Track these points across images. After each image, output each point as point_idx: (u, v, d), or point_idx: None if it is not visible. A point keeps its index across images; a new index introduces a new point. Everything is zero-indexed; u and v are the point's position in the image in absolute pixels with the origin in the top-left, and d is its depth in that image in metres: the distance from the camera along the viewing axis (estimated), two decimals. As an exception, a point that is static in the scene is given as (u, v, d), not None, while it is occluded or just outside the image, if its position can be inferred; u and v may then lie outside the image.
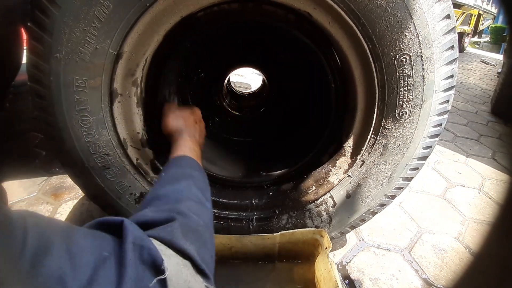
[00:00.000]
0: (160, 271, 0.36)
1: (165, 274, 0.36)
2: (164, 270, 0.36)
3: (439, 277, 1.12)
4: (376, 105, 0.83)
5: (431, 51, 0.74)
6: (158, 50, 0.86)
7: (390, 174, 0.91)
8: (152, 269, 0.36)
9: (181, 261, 0.41)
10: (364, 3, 0.71)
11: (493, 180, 1.85)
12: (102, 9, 0.69)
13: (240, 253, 1.00)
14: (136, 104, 0.87)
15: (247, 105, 1.40)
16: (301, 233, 0.98)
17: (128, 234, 0.37)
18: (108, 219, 0.40)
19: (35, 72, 0.74)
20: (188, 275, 0.40)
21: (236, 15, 0.88)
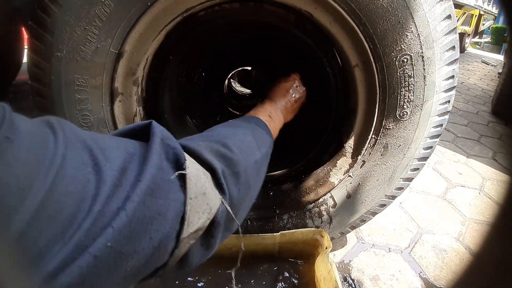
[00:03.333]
0: (181, 169, 0.37)
1: (186, 171, 0.37)
2: (185, 168, 0.37)
3: (439, 277, 1.12)
4: (377, 105, 0.83)
5: (432, 52, 0.74)
6: (159, 50, 0.86)
7: (391, 175, 0.91)
8: (174, 166, 0.37)
9: (201, 169, 0.41)
10: (365, 3, 0.71)
11: (493, 180, 1.85)
12: (103, 8, 0.69)
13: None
14: (137, 103, 0.87)
15: (248, 105, 1.40)
16: (301, 233, 0.98)
17: (156, 132, 0.38)
18: (136, 124, 0.41)
19: (36, 71, 0.74)
20: (206, 182, 0.40)
21: (237, 14, 0.88)
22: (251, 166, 0.52)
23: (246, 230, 1.01)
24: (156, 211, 0.33)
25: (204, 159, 0.42)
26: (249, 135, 0.59)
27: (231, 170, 0.46)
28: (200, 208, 0.39)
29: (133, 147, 0.36)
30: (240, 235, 0.96)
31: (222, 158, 0.46)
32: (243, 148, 0.52)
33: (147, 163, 0.33)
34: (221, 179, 0.43)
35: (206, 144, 0.45)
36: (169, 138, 0.38)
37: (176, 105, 1.12)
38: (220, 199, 0.42)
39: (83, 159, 0.30)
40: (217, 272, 0.99)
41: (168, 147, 0.37)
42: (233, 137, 0.52)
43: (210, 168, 0.42)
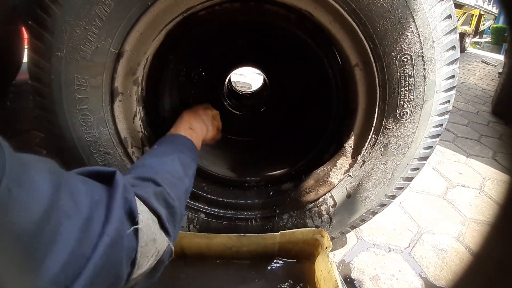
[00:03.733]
0: (135, 222, 0.42)
1: (139, 225, 0.42)
2: (138, 222, 0.42)
3: (439, 277, 1.12)
4: (377, 105, 0.83)
5: (432, 51, 0.74)
6: (159, 49, 0.86)
7: (391, 174, 0.90)
8: (129, 219, 0.42)
9: (150, 217, 0.47)
10: (365, 3, 0.71)
11: (493, 180, 1.85)
12: (103, 8, 0.69)
13: (240, 252, 1.00)
14: (137, 103, 0.87)
15: (248, 105, 1.40)
16: (301, 232, 0.98)
17: (119, 184, 0.42)
18: (100, 169, 0.46)
19: (36, 71, 0.74)
20: (155, 229, 0.47)
21: (237, 14, 0.88)
22: (183, 199, 0.61)
23: (246, 230, 1.01)
24: (115, 259, 0.38)
25: (152, 207, 0.48)
26: (176, 162, 0.65)
27: (170, 211, 0.53)
28: (149, 252, 0.45)
29: (98, 193, 0.40)
30: (240, 235, 0.96)
31: (164, 202, 0.53)
32: (174, 182, 0.59)
33: (111, 217, 0.38)
34: (165, 224, 0.49)
35: (150, 190, 0.51)
36: (128, 191, 0.43)
37: (176, 104, 1.12)
38: (167, 241, 0.49)
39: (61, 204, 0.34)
40: (217, 271, 0.99)
41: (126, 200, 0.42)
42: (162, 172, 0.59)
43: (157, 215, 0.49)
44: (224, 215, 1.02)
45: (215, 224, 1.01)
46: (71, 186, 0.37)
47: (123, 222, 0.40)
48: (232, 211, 1.02)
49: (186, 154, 0.71)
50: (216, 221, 1.01)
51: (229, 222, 1.02)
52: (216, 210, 1.02)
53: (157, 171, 0.59)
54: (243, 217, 1.02)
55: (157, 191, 0.52)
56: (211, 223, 1.01)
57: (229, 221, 1.02)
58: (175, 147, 0.71)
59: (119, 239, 0.39)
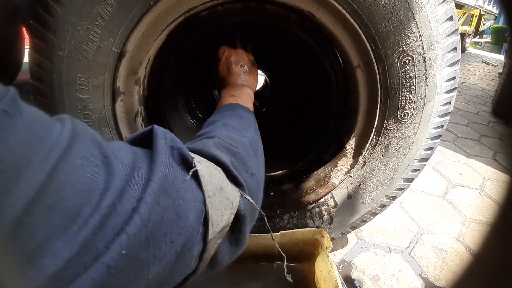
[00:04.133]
0: (191, 167, 0.35)
1: (197, 167, 0.35)
2: (195, 166, 0.35)
3: (440, 277, 1.12)
4: (378, 106, 0.83)
5: (434, 53, 0.74)
6: (161, 49, 0.86)
7: (391, 175, 0.91)
8: (183, 165, 0.35)
9: (211, 165, 0.39)
10: (367, 4, 0.71)
11: (493, 180, 1.86)
12: (105, 8, 0.69)
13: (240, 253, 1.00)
14: (138, 102, 0.87)
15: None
16: (301, 233, 0.98)
17: (159, 133, 0.36)
18: (138, 132, 0.39)
19: (37, 70, 0.74)
20: (220, 177, 0.39)
21: (239, 14, 0.88)
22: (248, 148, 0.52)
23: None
24: (175, 213, 0.31)
25: (211, 155, 0.41)
26: (229, 123, 0.59)
27: (237, 158, 0.45)
28: (221, 204, 0.37)
29: (140, 150, 0.35)
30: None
31: (226, 150, 0.45)
32: (232, 136, 0.52)
33: (155, 162, 0.32)
34: (233, 172, 0.41)
35: (206, 141, 0.44)
36: (173, 139, 0.37)
37: (177, 104, 1.13)
38: (238, 191, 0.41)
39: (91, 151, 0.28)
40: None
41: (172, 148, 0.35)
42: (217, 130, 0.52)
43: (220, 163, 0.41)
44: (225, 215, 1.02)
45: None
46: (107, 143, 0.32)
47: (173, 166, 0.33)
48: (233, 211, 1.02)
49: (239, 114, 0.66)
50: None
51: (229, 222, 1.02)
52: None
53: (210, 131, 0.52)
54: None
55: (215, 140, 0.45)
56: (211, 223, 1.01)
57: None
58: (227, 112, 0.66)
59: (174, 184, 0.32)
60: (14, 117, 0.24)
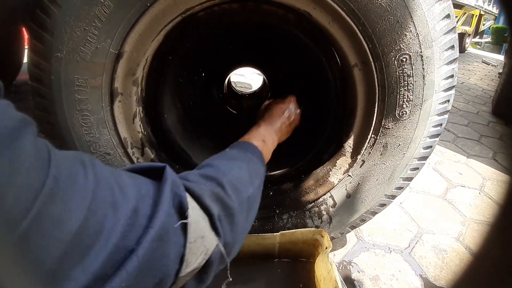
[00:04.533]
0: (183, 216, 0.41)
1: (188, 219, 0.41)
2: (187, 216, 0.41)
3: (439, 277, 1.12)
4: (376, 104, 0.83)
5: (431, 51, 0.74)
6: (158, 50, 0.86)
7: (390, 174, 0.91)
8: (178, 213, 0.41)
9: (201, 214, 0.45)
10: (364, 3, 0.71)
11: (493, 180, 1.85)
12: (103, 9, 0.69)
13: (240, 252, 0.99)
14: (136, 103, 0.87)
15: (248, 105, 1.40)
16: (301, 233, 0.98)
17: (168, 178, 0.42)
18: (150, 164, 0.46)
19: (36, 71, 0.75)
20: (204, 226, 0.45)
21: (236, 15, 0.88)
22: (244, 203, 0.57)
23: (246, 230, 1.01)
24: (162, 254, 0.37)
25: (204, 204, 0.46)
26: (244, 169, 0.63)
27: (227, 213, 0.51)
28: (198, 250, 0.44)
29: (145, 187, 0.40)
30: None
31: (220, 203, 0.50)
32: (238, 187, 0.57)
33: (158, 210, 0.38)
34: (216, 224, 0.47)
35: (207, 187, 0.49)
36: (178, 185, 0.43)
37: (175, 105, 1.13)
38: (216, 241, 0.47)
39: (106, 198, 0.34)
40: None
41: (175, 195, 0.41)
42: (228, 174, 0.57)
43: (209, 213, 0.46)
44: (224, 216, 1.02)
45: (215, 224, 1.01)
46: (118, 180, 0.37)
47: (170, 216, 0.39)
48: (232, 212, 1.02)
49: (255, 164, 0.69)
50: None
51: (229, 223, 1.02)
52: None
53: (223, 172, 0.57)
54: (243, 217, 1.02)
55: (215, 190, 0.50)
56: (211, 224, 1.01)
57: (229, 221, 1.02)
58: (245, 155, 0.69)
59: (166, 233, 0.38)
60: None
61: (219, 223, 0.48)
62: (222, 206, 0.50)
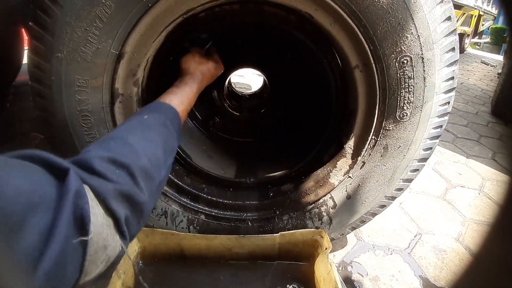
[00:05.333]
0: (84, 231, 0.37)
1: (89, 236, 0.37)
2: (88, 231, 0.37)
3: (439, 277, 1.12)
4: (377, 106, 0.83)
5: (432, 53, 0.74)
6: (159, 51, 0.86)
7: (391, 176, 0.91)
8: (78, 226, 0.36)
9: (105, 221, 0.41)
10: (365, 5, 0.71)
11: (493, 181, 1.85)
12: (104, 9, 0.69)
13: (240, 253, 1.00)
14: (137, 104, 0.87)
15: (248, 106, 1.40)
16: (301, 233, 0.98)
17: (71, 188, 0.36)
18: (54, 160, 0.38)
19: (36, 72, 0.74)
20: (108, 235, 0.41)
21: (237, 16, 0.88)
22: (154, 192, 0.53)
23: (246, 230, 1.01)
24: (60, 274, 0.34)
25: (110, 208, 0.42)
26: (160, 147, 0.57)
27: (136, 210, 0.47)
28: (98, 260, 0.41)
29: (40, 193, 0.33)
30: (240, 236, 0.96)
31: (128, 202, 0.46)
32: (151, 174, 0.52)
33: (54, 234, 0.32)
34: (122, 227, 0.44)
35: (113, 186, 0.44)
36: (82, 196, 0.37)
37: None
38: (120, 245, 0.44)
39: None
40: (217, 272, 0.99)
41: (77, 208, 0.36)
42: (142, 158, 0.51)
43: (114, 218, 0.43)
44: (224, 216, 1.02)
45: (215, 225, 1.01)
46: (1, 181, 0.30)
47: (70, 235, 0.34)
48: (232, 212, 1.02)
49: (171, 139, 0.62)
50: (216, 222, 1.01)
51: (229, 223, 1.02)
52: (216, 211, 1.02)
53: (136, 156, 0.50)
54: (243, 218, 1.02)
55: (124, 189, 0.45)
56: (211, 224, 1.01)
57: (229, 222, 1.02)
58: (163, 126, 0.62)
59: (64, 254, 0.33)
60: None
61: (125, 226, 0.44)
62: (131, 206, 0.46)
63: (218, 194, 1.05)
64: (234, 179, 1.11)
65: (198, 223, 1.01)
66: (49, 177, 0.36)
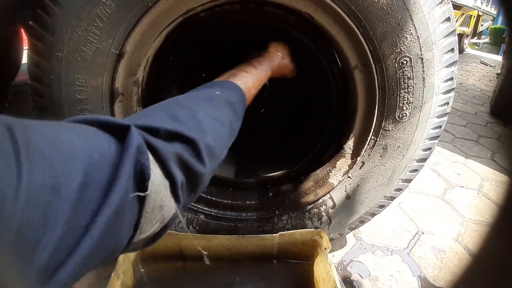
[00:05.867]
0: (144, 187, 0.37)
1: (147, 192, 0.37)
2: (147, 187, 0.37)
3: (438, 277, 1.13)
4: (376, 106, 0.83)
5: (431, 54, 0.74)
6: (159, 50, 0.86)
7: (390, 176, 0.91)
8: (138, 184, 0.37)
9: (163, 182, 0.41)
10: (365, 5, 0.71)
11: (492, 181, 1.86)
12: (104, 9, 0.69)
13: (239, 253, 1.00)
14: (137, 103, 0.87)
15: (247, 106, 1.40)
16: (300, 233, 0.98)
17: (133, 143, 0.36)
18: (113, 120, 0.38)
19: (36, 71, 0.74)
20: (164, 195, 0.41)
21: (237, 16, 0.88)
22: (214, 169, 0.53)
23: (245, 230, 1.01)
24: (117, 227, 0.34)
25: (168, 170, 0.42)
26: (226, 128, 0.57)
27: (193, 179, 0.47)
28: (154, 218, 0.41)
29: (101, 149, 0.34)
30: (239, 236, 0.96)
31: (186, 171, 0.46)
32: (215, 153, 0.52)
33: (116, 184, 0.33)
34: (178, 191, 0.43)
35: (175, 152, 0.44)
36: (143, 152, 0.37)
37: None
38: (174, 208, 0.44)
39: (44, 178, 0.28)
40: (216, 272, 0.99)
41: (138, 163, 0.36)
42: (209, 135, 0.51)
43: (172, 180, 0.42)
44: (224, 216, 1.02)
45: (214, 225, 1.01)
46: (59, 145, 0.30)
47: (129, 189, 0.35)
48: (232, 212, 1.03)
49: (236, 121, 0.63)
50: (215, 222, 1.01)
51: (228, 223, 1.02)
52: (215, 211, 1.02)
53: (204, 132, 0.50)
54: (242, 218, 1.02)
55: (185, 157, 0.45)
56: (210, 224, 1.01)
57: (229, 222, 1.02)
58: (231, 107, 0.62)
59: (123, 207, 0.34)
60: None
61: (181, 190, 0.44)
62: (189, 174, 0.46)
63: (217, 194, 1.05)
64: (233, 179, 1.11)
65: (197, 223, 1.01)
66: (108, 136, 0.36)
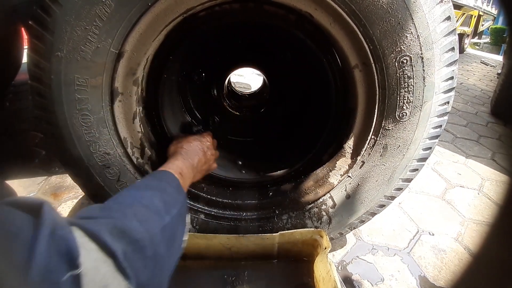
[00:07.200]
0: (74, 265, 0.34)
1: (79, 269, 0.33)
2: (79, 264, 0.34)
3: (438, 277, 1.12)
4: (376, 106, 0.83)
5: (431, 53, 0.74)
6: (159, 50, 0.86)
7: (390, 175, 0.91)
8: (66, 261, 0.33)
9: (101, 257, 0.38)
10: (365, 5, 0.71)
11: (492, 181, 1.86)
12: (104, 8, 0.69)
13: (240, 253, 1.00)
14: (137, 103, 0.87)
15: (248, 105, 1.40)
16: (300, 233, 0.98)
17: (46, 218, 0.34)
18: (26, 199, 0.37)
19: (36, 71, 0.74)
20: (107, 273, 0.38)
21: (237, 15, 0.88)
22: (158, 234, 0.51)
23: (245, 230, 1.01)
24: None
25: (103, 242, 0.39)
26: (157, 197, 0.57)
27: (135, 247, 0.44)
28: None
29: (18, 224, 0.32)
30: (239, 235, 0.96)
31: (124, 237, 0.43)
32: (147, 217, 0.50)
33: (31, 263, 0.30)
34: (122, 264, 0.40)
35: (106, 221, 0.42)
36: (61, 227, 0.35)
37: (175, 105, 1.13)
38: (125, 285, 0.40)
39: None
40: (216, 271, 0.99)
41: (60, 239, 0.34)
42: (137, 204, 0.51)
43: (111, 253, 0.39)
44: (224, 216, 1.02)
45: (214, 224, 1.01)
46: None
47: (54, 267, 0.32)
48: (232, 212, 1.03)
49: (169, 193, 0.63)
50: (215, 222, 1.01)
51: (228, 223, 1.02)
52: (215, 210, 1.02)
53: (128, 203, 0.51)
54: (242, 217, 1.02)
55: (117, 223, 0.43)
56: (210, 224, 1.01)
57: (229, 221, 1.02)
58: (159, 183, 0.65)
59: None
60: None
61: (126, 262, 0.40)
62: (127, 241, 0.43)
63: (217, 193, 1.05)
64: (233, 179, 1.11)
65: (197, 222, 1.01)
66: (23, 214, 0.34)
